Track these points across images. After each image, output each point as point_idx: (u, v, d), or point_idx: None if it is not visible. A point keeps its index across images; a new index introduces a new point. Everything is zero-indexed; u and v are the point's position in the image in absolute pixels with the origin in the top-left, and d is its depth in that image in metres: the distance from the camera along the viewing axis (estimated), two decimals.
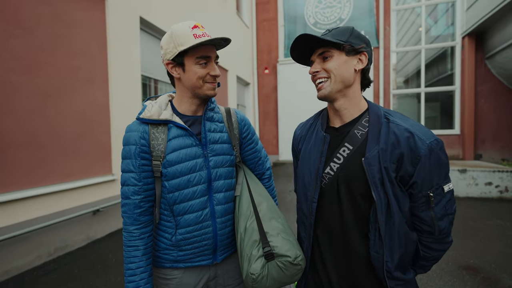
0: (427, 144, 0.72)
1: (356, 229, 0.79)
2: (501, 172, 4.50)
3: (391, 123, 0.77)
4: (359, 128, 0.80)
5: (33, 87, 2.48)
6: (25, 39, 2.41)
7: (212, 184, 0.93)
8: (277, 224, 0.89)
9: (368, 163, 0.75)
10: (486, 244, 2.83)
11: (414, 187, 0.75)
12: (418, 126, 0.77)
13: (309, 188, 0.87)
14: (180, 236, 0.90)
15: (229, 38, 0.86)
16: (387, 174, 0.74)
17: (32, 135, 2.47)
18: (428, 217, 0.76)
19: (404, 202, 0.76)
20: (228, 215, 0.96)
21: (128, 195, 0.89)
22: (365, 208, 0.78)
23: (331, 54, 0.79)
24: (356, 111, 0.83)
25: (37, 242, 2.50)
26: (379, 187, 0.74)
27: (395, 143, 0.74)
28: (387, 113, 0.81)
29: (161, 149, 0.88)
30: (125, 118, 3.40)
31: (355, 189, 0.78)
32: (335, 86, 0.79)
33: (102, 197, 3.15)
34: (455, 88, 6.93)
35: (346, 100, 0.82)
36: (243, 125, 1.05)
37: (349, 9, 7.71)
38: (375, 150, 0.75)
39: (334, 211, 0.82)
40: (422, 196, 0.75)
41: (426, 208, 0.76)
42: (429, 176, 0.74)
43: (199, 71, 0.87)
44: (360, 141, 0.79)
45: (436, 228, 0.77)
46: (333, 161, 0.82)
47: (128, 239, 0.89)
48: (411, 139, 0.73)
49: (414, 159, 0.73)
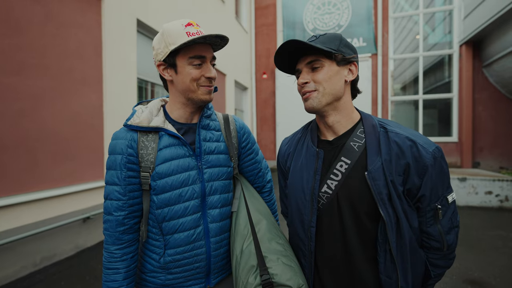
0: (431, 153, 0.67)
1: (362, 253, 0.71)
2: (501, 181, 4.46)
3: (390, 132, 0.71)
4: (355, 140, 0.73)
5: (23, 88, 2.38)
6: (16, 39, 2.32)
7: (206, 199, 0.84)
8: (278, 247, 0.79)
9: (372, 177, 0.67)
10: (490, 256, 2.76)
11: (422, 200, 0.69)
12: (417, 134, 0.72)
13: (304, 211, 0.77)
14: (169, 257, 0.81)
15: (225, 36, 0.78)
16: (395, 188, 0.67)
17: (20, 139, 2.36)
18: (436, 232, 0.70)
19: (413, 218, 0.70)
20: (223, 233, 0.87)
21: (111, 211, 0.80)
22: (371, 228, 0.70)
23: (322, 64, 0.71)
24: (349, 122, 0.76)
25: (22, 252, 2.37)
26: (387, 204, 0.66)
27: (398, 153, 0.68)
28: (382, 122, 0.75)
29: (151, 160, 0.79)
30: (119, 122, 3.30)
31: (360, 208, 0.70)
32: (323, 98, 0.72)
33: (93, 203, 3.03)
34: (452, 96, 6.94)
35: (337, 113, 0.75)
36: (242, 134, 0.95)
37: (348, 15, 7.75)
38: (378, 163, 0.68)
39: (336, 234, 0.74)
40: (431, 209, 0.69)
41: (434, 222, 0.70)
42: (436, 187, 0.68)
43: (193, 73, 0.78)
44: (358, 154, 0.72)
45: (445, 243, 0.70)
46: (331, 178, 0.74)
47: (108, 261, 0.79)
48: (414, 148, 0.68)
49: (420, 169, 0.67)
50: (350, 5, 7.72)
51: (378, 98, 7.39)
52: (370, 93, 7.44)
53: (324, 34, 0.74)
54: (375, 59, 7.46)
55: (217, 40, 0.79)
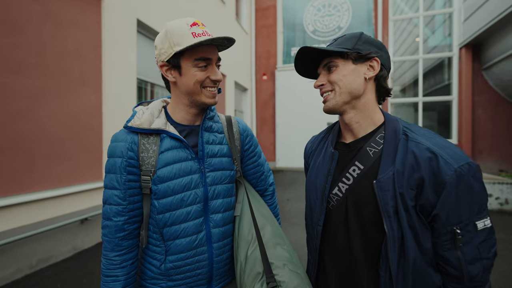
0: (455, 169, 0.59)
1: (365, 262, 0.68)
2: (501, 184, 4.46)
3: (410, 141, 0.65)
4: (372, 145, 0.69)
5: (21, 88, 2.35)
6: (14, 38, 2.29)
7: (209, 204, 0.81)
8: (283, 253, 0.77)
9: (380, 187, 0.63)
10: None
11: (436, 220, 0.62)
12: (445, 146, 0.64)
13: (314, 209, 0.77)
14: (171, 264, 0.78)
15: (232, 38, 0.76)
16: (403, 202, 0.62)
17: (17, 139, 2.32)
18: (453, 258, 0.62)
19: (425, 237, 0.63)
20: (226, 238, 0.84)
21: (110, 216, 0.77)
22: (376, 239, 0.66)
23: (336, 64, 0.70)
24: (369, 125, 0.72)
25: (18, 254, 2.33)
26: (392, 217, 0.62)
27: (413, 165, 0.62)
28: (406, 128, 0.69)
29: (152, 163, 0.77)
30: (118, 123, 3.27)
31: (366, 216, 0.67)
32: (340, 98, 0.70)
33: (91, 204, 2.99)
34: (452, 98, 6.96)
35: (357, 113, 0.72)
36: (245, 136, 0.93)
37: (348, 17, 7.76)
38: (389, 172, 0.64)
39: (342, 238, 0.72)
40: (447, 232, 0.61)
41: (452, 247, 0.61)
42: (457, 208, 0.60)
43: (198, 75, 0.76)
44: (372, 160, 0.68)
45: (465, 273, 0.61)
46: (342, 181, 0.72)
47: (106, 268, 0.77)
48: (433, 161, 0.61)
49: (437, 186, 0.60)
50: (350, 7, 7.74)
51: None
52: None
53: (343, 36, 0.73)
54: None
55: (224, 41, 0.77)
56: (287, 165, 8.28)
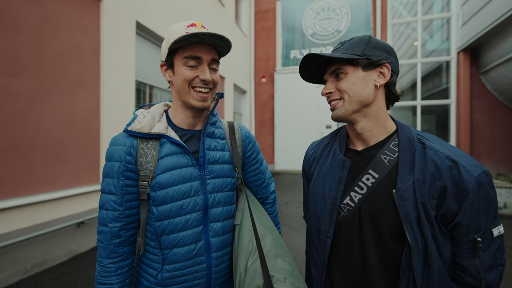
0: (475, 177, 0.59)
1: (382, 275, 0.65)
2: (500, 188, 4.47)
3: (429, 149, 0.64)
4: (387, 153, 0.67)
5: (18, 89, 2.32)
6: (11, 40, 2.27)
7: (209, 212, 0.79)
8: (284, 265, 0.75)
9: (400, 196, 0.61)
10: None
11: (457, 229, 0.61)
12: (462, 155, 0.64)
13: (322, 220, 0.73)
14: (168, 273, 0.76)
15: (224, 36, 0.72)
16: (425, 212, 0.60)
17: (13, 141, 2.29)
18: (473, 267, 0.61)
19: (445, 247, 0.62)
20: (225, 248, 0.82)
21: (106, 222, 0.75)
22: (395, 251, 0.63)
23: (345, 71, 0.67)
24: (382, 133, 0.70)
25: (12, 258, 2.28)
26: (415, 228, 0.60)
27: (435, 174, 0.61)
28: (421, 136, 0.68)
29: (150, 168, 0.75)
30: (116, 124, 3.25)
31: (383, 227, 0.64)
32: (349, 106, 0.67)
33: (88, 208, 2.95)
34: (450, 102, 6.99)
35: (369, 121, 0.69)
36: (247, 143, 0.91)
37: (347, 21, 7.80)
38: (409, 181, 0.62)
39: (355, 250, 0.68)
40: (468, 241, 0.61)
41: (471, 255, 0.61)
42: (477, 216, 0.60)
43: (186, 73, 0.74)
44: (388, 169, 0.66)
45: (483, 282, 0.61)
46: (354, 191, 0.69)
47: (101, 275, 0.74)
48: (454, 169, 0.60)
49: (459, 194, 0.59)
50: (349, 11, 7.78)
51: None
52: None
53: (350, 39, 0.70)
54: None
55: (217, 41, 0.73)
56: (285, 167, 8.26)
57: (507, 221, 4.13)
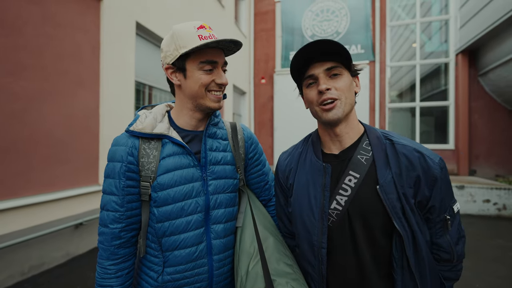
0: (438, 163, 0.67)
1: (377, 271, 0.67)
2: (499, 190, 4.47)
3: (397, 144, 0.70)
4: (362, 153, 0.71)
5: (17, 89, 2.30)
6: (11, 39, 2.25)
7: (210, 214, 0.78)
8: (286, 268, 0.73)
9: (384, 191, 0.65)
10: (491, 267, 2.73)
11: (432, 211, 0.68)
12: (422, 146, 0.72)
13: (313, 231, 0.71)
14: (168, 276, 0.75)
15: (239, 41, 0.74)
16: (407, 202, 0.66)
17: (11, 141, 2.27)
18: (446, 243, 0.70)
19: (425, 231, 0.70)
20: (227, 250, 0.81)
21: (106, 223, 0.74)
22: (385, 244, 0.67)
23: (341, 71, 0.69)
24: (355, 134, 0.75)
25: (9, 260, 2.26)
26: (402, 218, 0.65)
27: (408, 166, 0.67)
28: (385, 134, 0.74)
29: (152, 169, 0.74)
30: (115, 125, 3.23)
31: (374, 223, 0.67)
32: (346, 108, 0.70)
33: (86, 209, 2.93)
34: (449, 104, 7.01)
35: (347, 124, 0.73)
36: (250, 144, 0.90)
37: (346, 23, 7.82)
38: (388, 176, 0.67)
39: (348, 253, 0.69)
40: (440, 220, 0.69)
41: (444, 233, 0.70)
42: (444, 197, 0.68)
43: (203, 78, 0.74)
44: (366, 168, 0.69)
45: (454, 254, 0.70)
46: (340, 194, 0.70)
47: (101, 277, 0.73)
48: (422, 159, 0.67)
49: (430, 181, 0.67)
50: (348, 13, 7.80)
51: (375, 105, 7.43)
52: (368, 100, 7.48)
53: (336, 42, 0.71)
54: (372, 66, 7.52)
55: (230, 45, 0.75)
56: None
57: (507, 223, 4.14)
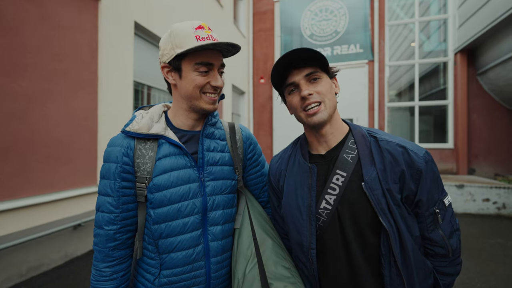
0: (422, 157, 0.68)
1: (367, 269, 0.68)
2: (498, 188, 4.47)
3: (381, 141, 0.71)
4: (348, 152, 0.72)
5: (15, 89, 2.28)
6: (9, 39, 2.24)
7: (208, 215, 0.77)
8: (284, 272, 0.72)
9: (369, 187, 0.66)
10: (491, 266, 2.72)
11: (420, 205, 0.69)
12: (406, 141, 0.73)
13: (302, 232, 0.72)
14: (165, 278, 0.74)
15: (237, 44, 0.73)
16: (392, 197, 0.66)
17: (9, 142, 2.25)
18: (438, 237, 0.69)
19: (414, 227, 0.69)
20: (225, 253, 0.80)
21: (101, 224, 0.73)
22: (374, 241, 0.68)
23: (320, 76, 0.72)
24: (340, 134, 0.76)
25: (7, 262, 2.24)
26: (388, 214, 0.65)
27: (392, 161, 0.68)
28: (370, 131, 0.75)
29: (147, 170, 0.73)
30: (114, 125, 3.22)
31: (362, 221, 0.68)
32: (330, 110, 0.72)
33: (85, 210, 2.91)
34: (448, 103, 7.01)
35: (332, 125, 0.75)
36: (248, 144, 0.89)
37: (345, 22, 7.82)
38: (373, 172, 0.67)
39: (339, 251, 0.70)
40: (429, 214, 0.69)
41: (435, 227, 0.69)
42: (431, 190, 0.68)
43: (197, 80, 0.73)
44: (353, 166, 0.70)
45: (449, 248, 0.70)
46: (328, 193, 0.70)
47: (96, 279, 0.72)
48: (405, 154, 0.68)
49: (414, 175, 0.67)
50: (347, 12, 7.80)
51: (374, 104, 7.42)
52: (366, 99, 7.48)
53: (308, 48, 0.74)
54: (371, 66, 7.51)
55: (228, 47, 0.74)
56: None
57: (507, 222, 4.14)
